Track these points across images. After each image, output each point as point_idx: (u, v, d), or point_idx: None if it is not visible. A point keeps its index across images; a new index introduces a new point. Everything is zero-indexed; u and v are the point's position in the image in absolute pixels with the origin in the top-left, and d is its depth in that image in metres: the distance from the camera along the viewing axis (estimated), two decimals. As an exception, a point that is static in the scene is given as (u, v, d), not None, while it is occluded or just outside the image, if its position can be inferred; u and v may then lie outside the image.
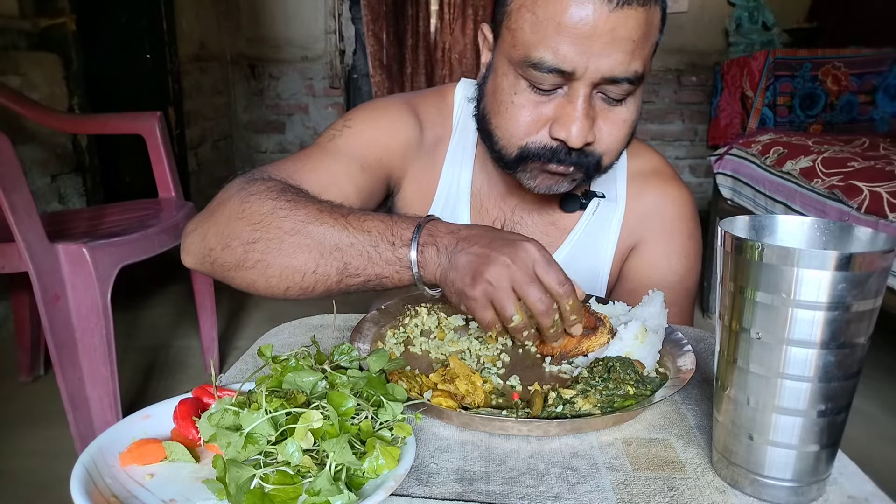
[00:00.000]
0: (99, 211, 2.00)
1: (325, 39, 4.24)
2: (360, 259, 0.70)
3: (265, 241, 0.71)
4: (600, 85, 0.75)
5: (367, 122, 0.92)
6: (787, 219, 0.51)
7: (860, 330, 0.43)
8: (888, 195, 1.69)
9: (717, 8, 4.13)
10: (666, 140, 4.37)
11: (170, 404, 0.53)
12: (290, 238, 0.71)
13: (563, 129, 0.76)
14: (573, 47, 0.71)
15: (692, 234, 0.98)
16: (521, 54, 0.75)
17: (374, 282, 0.71)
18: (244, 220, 0.72)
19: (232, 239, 0.73)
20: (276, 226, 0.71)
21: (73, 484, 0.43)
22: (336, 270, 0.70)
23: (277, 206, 0.73)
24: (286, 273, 0.71)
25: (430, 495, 0.46)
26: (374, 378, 0.52)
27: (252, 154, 4.50)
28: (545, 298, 0.62)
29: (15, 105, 2.02)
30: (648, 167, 0.99)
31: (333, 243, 0.70)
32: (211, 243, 0.75)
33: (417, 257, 0.68)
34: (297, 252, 0.70)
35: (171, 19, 3.49)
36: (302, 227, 0.71)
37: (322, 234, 0.70)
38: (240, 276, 0.74)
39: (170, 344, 2.39)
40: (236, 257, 0.73)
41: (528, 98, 0.78)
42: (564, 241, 0.95)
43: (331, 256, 0.70)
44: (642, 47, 0.74)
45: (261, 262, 0.72)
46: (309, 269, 0.71)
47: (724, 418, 0.48)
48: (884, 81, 3.29)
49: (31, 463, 1.62)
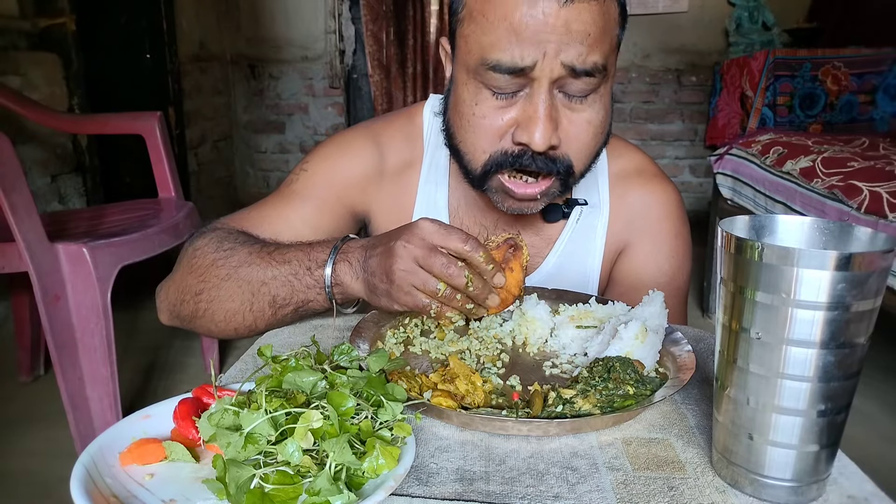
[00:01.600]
0: (99, 211, 2.00)
1: (325, 39, 4.24)
2: (285, 289, 0.75)
3: (207, 291, 0.78)
4: (560, 81, 0.72)
5: (322, 163, 0.93)
6: (787, 219, 0.51)
7: (860, 330, 0.43)
8: (888, 195, 1.69)
9: (717, 8, 4.13)
10: (666, 140, 4.37)
11: (170, 404, 0.53)
12: (226, 284, 0.77)
13: (524, 132, 0.73)
14: (527, 44, 0.70)
15: (679, 232, 0.96)
16: (477, 59, 0.73)
17: (303, 308, 0.76)
18: (193, 275, 0.80)
19: (185, 293, 0.81)
20: (214, 275, 0.78)
21: (73, 484, 0.43)
22: (268, 304, 0.76)
23: (216, 258, 0.79)
24: (228, 316, 0.78)
25: (430, 495, 0.46)
26: (374, 378, 0.52)
27: (252, 154, 4.50)
28: (448, 263, 0.65)
29: (15, 105, 2.02)
30: (630, 167, 0.97)
31: (260, 280, 0.76)
32: (172, 299, 0.83)
33: (332, 278, 0.72)
34: (233, 295, 0.77)
35: (171, 19, 3.49)
36: (234, 272, 0.77)
37: (250, 274, 0.76)
38: (199, 325, 0.82)
39: (170, 344, 2.39)
40: (190, 309, 0.80)
41: (489, 106, 0.75)
42: (551, 251, 0.94)
43: (259, 293, 0.76)
44: (600, 40, 0.72)
45: (208, 311, 0.79)
46: (245, 308, 0.77)
47: (724, 418, 0.48)
48: (884, 81, 3.29)
49: (31, 463, 1.62)
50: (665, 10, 4.13)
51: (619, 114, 4.32)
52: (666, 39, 4.19)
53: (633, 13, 4.06)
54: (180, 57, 3.58)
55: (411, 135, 0.96)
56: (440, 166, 0.94)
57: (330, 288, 0.72)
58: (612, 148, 0.96)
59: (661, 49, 4.22)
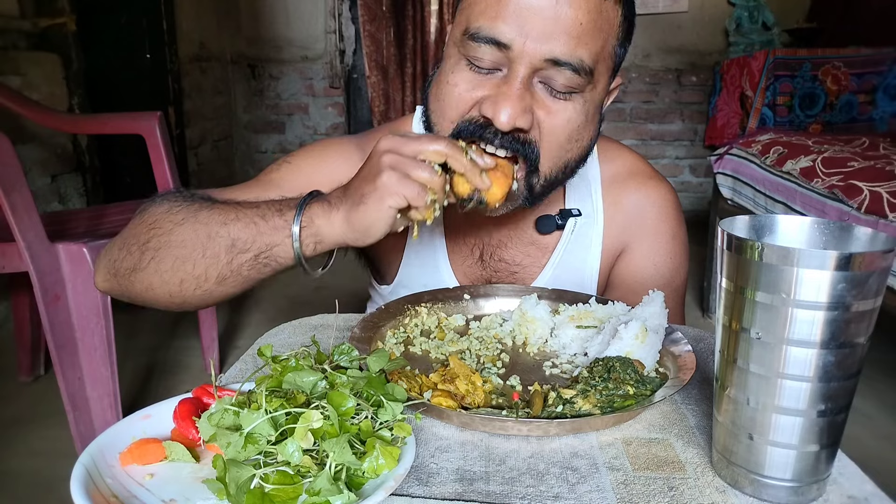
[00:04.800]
0: (99, 211, 2.00)
1: (325, 39, 4.24)
2: (247, 231, 0.68)
3: (157, 237, 0.71)
4: (542, 71, 0.71)
5: (308, 160, 0.89)
6: (787, 219, 0.51)
7: (860, 330, 0.43)
8: (888, 195, 1.69)
9: (717, 8, 4.13)
10: (666, 140, 4.37)
11: (170, 404, 0.53)
12: (179, 229, 0.70)
13: (492, 106, 0.71)
14: (512, 20, 0.69)
15: (675, 233, 0.95)
16: (461, 30, 0.73)
17: (265, 255, 0.68)
18: (143, 224, 0.74)
19: (131, 244, 0.73)
20: (168, 220, 0.72)
21: (73, 484, 0.43)
22: (224, 249, 0.68)
23: (174, 205, 0.73)
24: (177, 264, 0.70)
25: (430, 495, 0.46)
26: (374, 378, 0.52)
27: (252, 154, 4.50)
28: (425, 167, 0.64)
29: (15, 105, 2.02)
30: (623, 170, 0.96)
31: (220, 221, 0.69)
32: (114, 254, 0.76)
33: (303, 219, 0.66)
34: (186, 240, 0.70)
35: (171, 19, 3.49)
36: (192, 216, 0.71)
37: (210, 217, 0.70)
38: (137, 281, 0.73)
39: (170, 344, 2.39)
40: (133, 260, 0.72)
41: (464, 76, 0.74)
42: (548, 261, 0.93)
43: (217, 236, 0.68)
44: (591, 36, 0.70)
45: (154, 259, 0.71)
46: (197, 254, 0.69)
47: (724, 418, 0.48)
48: (883, 81, 3.29)
49: (31, 463, 1.62)
50: (665, 10, 4.13)
51: (619, 114, 4.32)
52: (666, 39, 4.19)
53: (633, 13, 4.07)
54: (180, 57, 3.58)
55: None
56: None
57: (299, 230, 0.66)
58: (603, 151, 0.95)
59: (661, 49, 4.22)
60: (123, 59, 3.25)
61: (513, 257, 0.93)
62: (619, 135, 4.26)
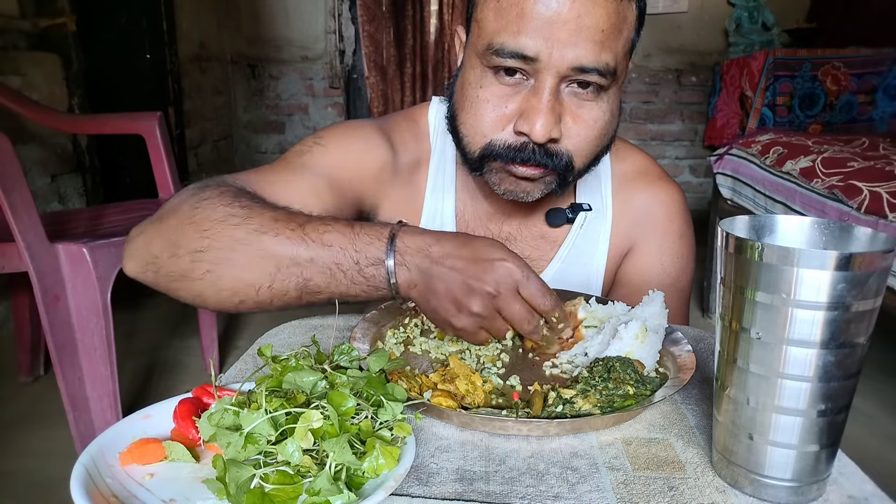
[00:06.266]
0: (99, 211, 2.00)
1: (325, 39, 4.24)
2: (322, 277, 0.65)
3: (215, 251, 0.65)
4: (568, 78, 0.72)
5: (338, 141, 0.88)
6: (787, 219, 0.51)
7: (860, 330, 0.43)
8: (888, 195, 1.69)
9: (717, 8, 4.13)
10: (666, 140, 4.37)
11: (170, 404, 0.53)
12: (243, 248, 0.65)
13: (526, 122, 0.73)
14: (536, 33, 0.69)
15: (683, 233, 0.96)
16: (485, 42, 0.74)
17: (341, 298, 0.67)
18: (193, 227, 0.67)
19: (179, 247, 0.67)
20: (227, 234, 0.65)
21: (73, 484, 0.43)
22: (295, 286, 0.65)
23: (230, 213, 0.67)
24: (238, 287, 0.66)
25: (430, 495, 0.46)
26: (374, 378, 0.52)
27: (252, 154, 4.50)
28: (531, 318, 0.64)
29: (15, 105, 2.02)
30: (633, 169, 0.97)
31: (290, 257, 0.65)
32: (156, 250, 0.69)
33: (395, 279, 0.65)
34: (251, 265, 0.65)
35: (171, 19, 3.49)
36: (255, 238, 0.65)
37: (277, 247, 0.65)
38: (186, 288, 0.68)
39: (170, 344, 2.39)
40: (182, 267, 0.67)
41: (493, 91, 0.75)
42: (555, 255, 0.94)
43: (288, 271, 0.65)
44: (613, 39, 0.71)
45: (210, 273, 0.66)
46: (264, 283, 0.65)
47: (724, 418, 0.48)
48: (883, 81, 3.29)
49: (31, 463, 1.62)
50: (665, 10, 4.13)
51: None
52: (666, 39, 4.19)
53: (633, 13, 4.07)
54: (180, 57, 3.58)
55: (418, 135, 0.95)
56: (447, 170, 0.94)
57: (396, 291, 0.66)
58: (614, 150, 0.96)
59: (661, 49, 4.22)
60: (123, 60, 3.25)
61: (522, 250, 0.93)
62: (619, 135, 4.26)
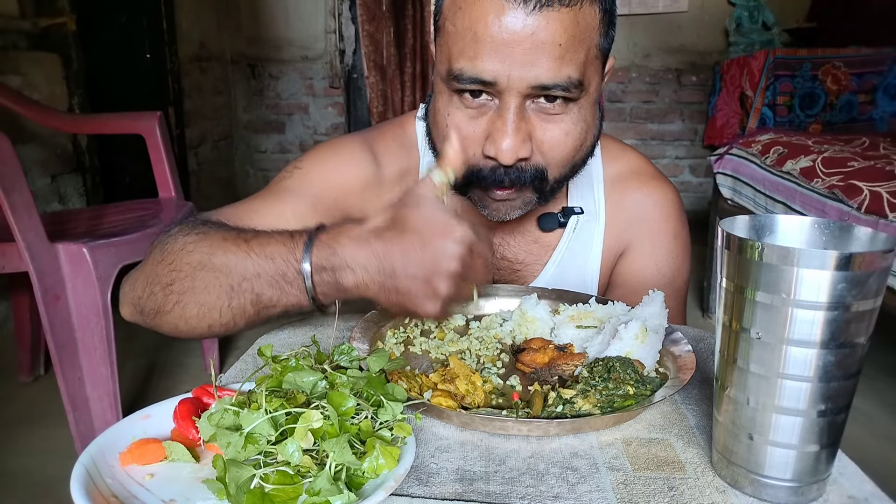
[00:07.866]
0: (99, 211, 2.00)
1: (325, 39, 4.24)
2: (272, 290, 0.64)
3: (179, 281, 0.68)
4: (532, 96, 0.71)
5: (317, 162, 0.89)
6: (787, 219, 0.51)
7: (860, 330, 0.43)
8: (888, 195, 1.69)
9: (717, 8, 4.13)
10: (666, 140, 4.36)
11: (170, 404, 0.53)
12: (200, 273, 0.66)
13: (492, 145, 0.72)
14: (492, 56, 0.68)
15: (678, 233, 0.95)
16: (445, 69, 0.73)
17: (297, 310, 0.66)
18: (162, 264, 0.70)
19: (154, 284, 0.70)
20: (186, 262, 0.68)
21: (73, 484, 0.43)
22: (250, 302, 0.65)
23: (187, 242, 0.69)
24: (203, 311, 0.67)
25: (430, 495, 0.46)
26: (374, 378, 0.52)
27: (252, 154, 4.50)
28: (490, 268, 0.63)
29: (15, 105, 2.02)
30: (626, 170, 0.96)
31: (240, 274, 0.65)
32: (139, 291, 0.73)
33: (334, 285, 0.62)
34: (209, 287, 0.66)
35: (171, 19, 3.49)
36: (208, 260, 0.66)
37: (227, 265, 0.65)
38: (164, 322, 0.71)
39: (170, 344, 2.39)
40: (157, 302, 0.70)
41: (461, 116, 0.74)
42: (549, 259, 0.93)
43: (241, 288, 0.65)
44: (574, 51, 0.68)
45: (178, 304, 0.68)
46: (224, 304, 0.66)
47: (724, 418, 0.48)
48: (884, 81, 3.29)
49: (31, 463, 1.62)
50: (665, 10, 4.12)
51: (619, 114, 4.32)
52: (666, 39, 4.19)
53: (633, 13, 4.07)
54: (180, 57, 3.58)
55: (405, 143, 0.94)
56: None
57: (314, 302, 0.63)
58: (606, 151, 0.95)
59: (661, 49, 4.22)
60: (123, 59, 3.25)
61: (515, 255, 0.93)
62: (618, 135, 4.26)
